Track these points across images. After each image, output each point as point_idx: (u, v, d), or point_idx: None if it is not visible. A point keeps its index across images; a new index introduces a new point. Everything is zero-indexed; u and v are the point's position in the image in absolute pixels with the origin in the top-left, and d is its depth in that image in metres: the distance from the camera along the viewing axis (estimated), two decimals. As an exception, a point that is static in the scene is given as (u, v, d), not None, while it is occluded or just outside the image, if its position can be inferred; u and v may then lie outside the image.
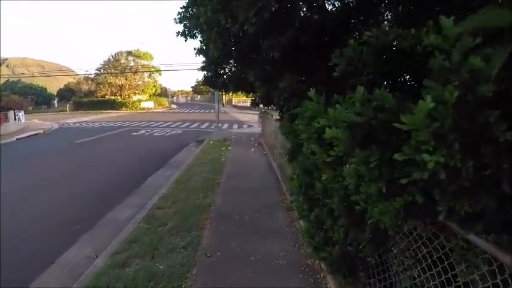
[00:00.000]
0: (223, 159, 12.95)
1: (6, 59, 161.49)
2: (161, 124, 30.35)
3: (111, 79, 57.27)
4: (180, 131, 25.11)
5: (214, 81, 9.94)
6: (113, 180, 10.84)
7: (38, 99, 64.92)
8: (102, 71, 59.41)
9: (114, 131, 24.98)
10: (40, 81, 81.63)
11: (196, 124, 30.40)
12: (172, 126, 28.87)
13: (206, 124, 29.71)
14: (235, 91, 12.48)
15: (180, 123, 31.53)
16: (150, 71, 60.25)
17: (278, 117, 8.61)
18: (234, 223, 6.71)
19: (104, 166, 12.94)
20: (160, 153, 15.59)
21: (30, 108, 56.65)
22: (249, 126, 28.92)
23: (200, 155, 13.95)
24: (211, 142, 17.44)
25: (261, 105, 12.80)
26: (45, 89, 72.51)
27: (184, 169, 11.58)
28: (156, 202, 8.15)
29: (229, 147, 15.88)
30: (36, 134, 24.86)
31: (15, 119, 27.87)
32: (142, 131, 24.73)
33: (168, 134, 23.59)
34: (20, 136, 22.80)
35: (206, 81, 10.28)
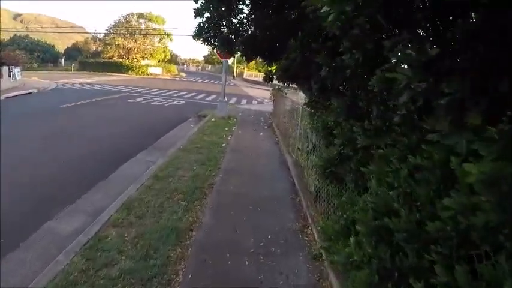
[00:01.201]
0: (223, 145, 10.12)
1: (20, 14, 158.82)
2: (164, 92, 27.45)
3: (120, 40, 53.98)
4: (182, 102, 22.25)
5: (215, 35, 7.09)
6: (78, 165, 8.08)
7: (44, 56, 62.34)
8: (111, 31, 56.16)
9: (111, 96, 22.09)
10: (52, 39, 79.01)
11: (201, 95, 27.50)
12: (175, 95, 25.98)
13: (213, 96, 26.79)
14: (246, 55, 9.55)
15: (184, 92, 28.63)
16: (161, 35, 56.82)
17: (302, 100, 5.94)
18: (222, 280, 3.94)
19: (76, 142, 10.12)
20: (151, 128, 12.87)
21: (36, 65, 54.23)
22: (258, 102, 26.05)
23: (197, 136, 11.12)
24: (213, 119, 14.58)
25: (276, 82, 10.13)
26: (53, 46, 69.73)
27: (172, 154, 8.80)
28: (117, 211, 5.41)
29: (234, 128, 13.03)
30: (29, 93, 22.17)
31: (9, 76, 25.44)
32: (141, 99, 21.86)
33: (168, 104, 20.72)
34: (9, 94, 20.03)
35: (202, 35, 7.24)
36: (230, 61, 71.41)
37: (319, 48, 4.22)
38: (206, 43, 9.80)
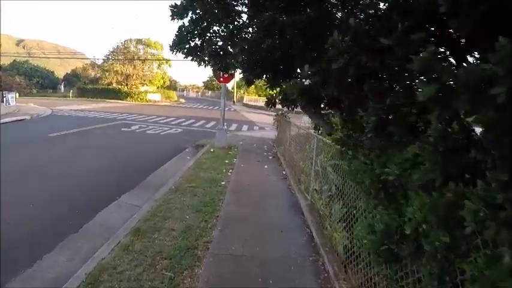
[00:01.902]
0: (223, 183, 8.61)
1: (23, 40, 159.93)
2: (162, 119, 26.14)
3: (118, 67, 53.16)
4: (179, 130, 20.83)
5: (202, 44, 5.56)
6: (50, 209, 6.64)
7: (44, 82, 61.84)
8: (110, 57, 55.41)
9: (105, 124, 20.76)
10: (53, 65, 78.60)
11: (201, 122, 26.12)
12: (172, 123, 24.60)
13: (212, 123, 25.43)
14: (250, 70, 8.14)
15: (183, 119, 27.29)
16: (159, 60, 55.95)
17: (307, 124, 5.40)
18: None
19: (55, 179, 8.67)
20: (142, 161, 11.46)
21: (35, 90, 53.57)
22: (260, 128, 24.69)
23: (192, 172, 9.64)
24: (212, 150, 13.11)
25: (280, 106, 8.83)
26: (53, 72, 69.34)
27: (162, 197, 7.32)
28: (77, 289, 3.93)
29: (235, 160, 11.55)
30: (21, 120, 21.06)
31: (2, 101, 24.47)
32: (136, 127, 20.48)
33: (164, 132, 19.29)
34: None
35: (183, 43, 5.31)
36: (230, 86, 70.86)
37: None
38: (191, 57, 8.02)
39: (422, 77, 1.78)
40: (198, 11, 4.80)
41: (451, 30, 2.29)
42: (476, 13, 1.70)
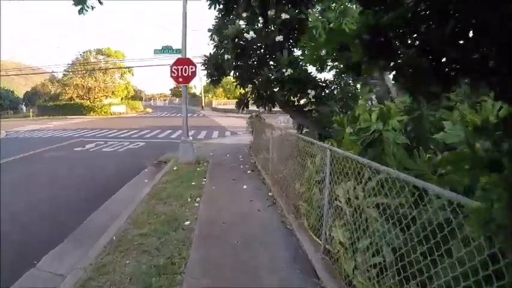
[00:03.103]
0: (187, 223, 5.88)
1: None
2: (123, 133, 23.08)
3: (78, 80, 49.13)
4: (141, 144, 17.89)
5: None
6: None
7: (4, 103, 56.82)
8: (69, 71, 51.20)
9: (59, 144, 17.52)
10: (17, 86, 73.47)
11: (166, 132, 23.14)
12: (135, 136, 21.62)
13: (179, 132, 22.48)
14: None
15: (147, 131, 24.27)
16: (121, 67, 52.10)
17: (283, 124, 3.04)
18: None
19: None
20: (86, 191, 8.69)
21: None
22: (232, 133, 22.06)
23: (147, 206, 6.90)
24: (175, 168, 10.35)
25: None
26: (12, 92, 64.20)
27: (95, 260, 4.64)
28: None
29: (204, 180, 8.83)
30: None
31: None
32: (92, 145, 17.35)
33: (123, 148, 16.31)
34: None
35: None
36: (198, 91, 67.92)
37: None
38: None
39: None
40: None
41: None
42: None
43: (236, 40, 8.63)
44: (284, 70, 7.94)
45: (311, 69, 9.49)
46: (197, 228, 5.62)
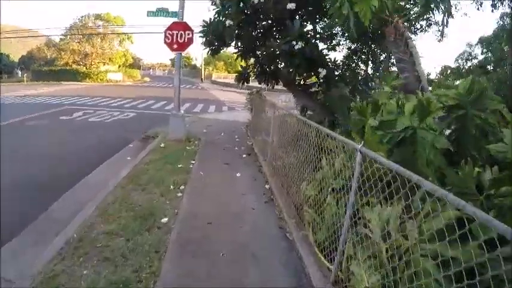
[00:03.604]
0: (164, 220, 4.76)
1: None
2: (115, 102, 21.75)
3: (75, 45, 47.14)
4: (132, 115, 16.62)
5: None
6: None
7: (-4, 67, 54.69)
8: (67, 35, 49.01)
9: (45, 112, 16.16)
10: (15, 49, 71.22)
11: (161, 103, 21.74)
12: (127, 105, 20.33)
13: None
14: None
15: (141, 101, 22.91)
16: (119, 34, 49.94)
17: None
18: None
19: None
20: (60, 168, 7.57)
21: None
22: (230, 109, 20.84)
23: (122, 191, 5.81)
24: (162, 145, 9.18)
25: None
26: (8, 56, 61.91)
27: (47, 265, 3.60)
28: None
29: (192, 163, 7.67)
30: None
31: None
32: (79, 114, 16.06)
33: (112, 119, 15.05)
34: None
35: None
36: (198, 63, 66.13)
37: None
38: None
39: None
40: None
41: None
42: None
43: (241, 4, 7.33)
44: (294, 43, 6.68)
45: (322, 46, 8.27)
46: (176, 229, 4.50)
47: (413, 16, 5.85)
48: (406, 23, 5.72)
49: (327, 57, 7.94)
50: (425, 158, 3.47)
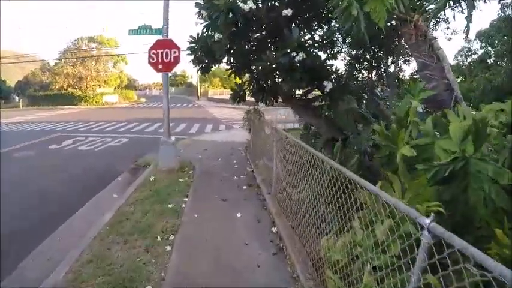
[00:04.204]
0: (147, 292, 3.76)
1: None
2: (109, 126, 20.84)
3: (69, 68, 46.38)
4: (124, 140, 15.61)
5: None
6: None
7: (-11, 94, 53.71)
8: (61, 59, 48.29)
9: (35, 140, 15.31)
10: (13, 75, 70.47)
11: (156, 126, 20.68)
12: (120, 129, 19.41)
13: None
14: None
15: (134, 124, 21.94)
16: (113, 55, 49.06)
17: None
18: None
19: None
20: (33, 215, 6.48)
21: None
22: (227, 127, 19.85)
23: (99, 247, 4.79)
24: (151, 178, 8.13)
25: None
26: (4, 81, 61.11)
27: None
28: None
29: (185, 201, 6.59)
30: None
31: None
32: (69, 142, 15.04)
33: (103, 146, 14.02)
34: None
35: None
36: (194, 80, 65.42)
37: None
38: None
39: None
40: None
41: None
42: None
43: (230, 14, 6.36)
44: (294, 54, 5.69)
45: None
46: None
47: (431, 13, 4.87)
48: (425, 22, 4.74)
49: (329, 67, 6.95)
50: (481, 196, 2.51)
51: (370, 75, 9.89)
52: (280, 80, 7.15)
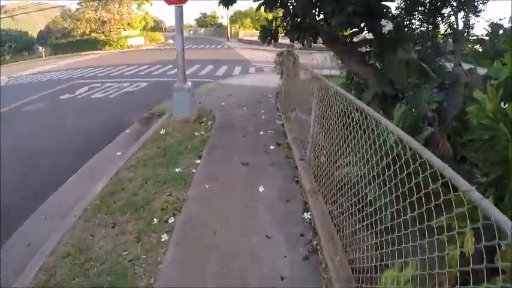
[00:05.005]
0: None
1: (4, 5, 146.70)
2: (130, 70, 19.75)
3: (90, 13, 45.01)
4: (143, 85, 14.49)
5: None
6: None
7: (17, 45, 53.67)
8: (82, 4, 46.80)
9: (49, 91, 14.40)
10: (32, 23, 70.31)
11: (179, 69, 19.37)
12: (141, 73, 18.28)
13: (195, 67, 19.10)
14: None
15: (157, 67, 20.65)
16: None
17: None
18: None
19: None
20: (31, 175, 5.75)
21: (8, 56, 45.85)
22: (257, 70, 18.28)
23: (81, 231, 3.71)
24: (162, 132, 6.91)
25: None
26: (26, 32, 60.76)
27: None
28: None
29: (196, 163, 5.37)
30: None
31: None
32: (84, 89, 14.00)
33: (118, 93, 12.94)
34: None
35: None
36: (225, 21, 63.18)
37: None
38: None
39: None
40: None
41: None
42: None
43: None
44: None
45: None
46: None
47: None
48: None
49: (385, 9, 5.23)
50: None
51: (428, 27, 7.70)
52: (322, 15, 5.53)
